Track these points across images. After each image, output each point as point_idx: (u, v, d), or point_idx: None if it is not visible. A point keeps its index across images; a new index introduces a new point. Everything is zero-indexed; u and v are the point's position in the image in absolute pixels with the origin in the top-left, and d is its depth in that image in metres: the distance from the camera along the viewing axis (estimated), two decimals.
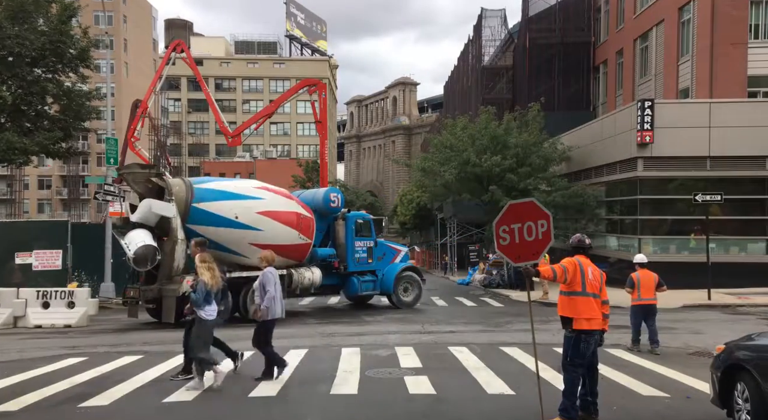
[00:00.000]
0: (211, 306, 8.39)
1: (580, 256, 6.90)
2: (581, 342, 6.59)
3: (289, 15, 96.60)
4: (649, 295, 11.29)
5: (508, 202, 7.15)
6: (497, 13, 43.74)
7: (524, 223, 6.81)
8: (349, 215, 18.43)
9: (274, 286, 8.75)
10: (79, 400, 7.90)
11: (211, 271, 8.34)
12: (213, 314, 8.43)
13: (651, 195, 23.03)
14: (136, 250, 14.16)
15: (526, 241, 6.80)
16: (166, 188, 14.86)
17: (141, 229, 14.59)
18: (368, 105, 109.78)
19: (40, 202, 74.55)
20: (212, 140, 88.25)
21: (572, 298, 6.69)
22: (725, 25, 25.28)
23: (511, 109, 31.46)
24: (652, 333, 11.19)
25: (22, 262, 18.71)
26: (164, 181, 15.21)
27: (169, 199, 14.67)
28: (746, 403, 5.98)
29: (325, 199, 17.59)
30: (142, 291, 14.92)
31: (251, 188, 16.17)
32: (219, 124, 37.90)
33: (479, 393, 8.16)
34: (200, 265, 8.39)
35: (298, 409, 7.48)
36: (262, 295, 8.81)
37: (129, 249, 14.26)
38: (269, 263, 9.00)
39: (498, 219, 6.99)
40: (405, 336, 13.18)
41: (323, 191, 18.30)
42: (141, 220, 14.69)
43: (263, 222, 15.63)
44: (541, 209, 6.87)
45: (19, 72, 23.97)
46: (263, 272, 8.92)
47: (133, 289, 15.31)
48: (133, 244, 14.23)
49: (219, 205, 15.18)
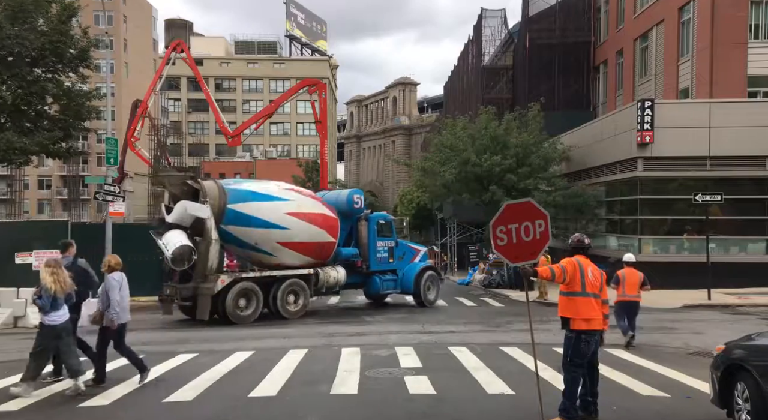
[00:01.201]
0: (58, 311, 8.08)
1: (579, 256, 6.90)
2: (581, 342, 6.59)
3: (289, 15, 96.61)
4: (632, 292, 11.64)
5: (505, 203, 7.14)
6: (497, 13, 43.76)
7: (521, 224, 6.80)
8: (372, 216, 19.02)
9: (118, 291, 8.60)
10: (79, 400, 7.90)
11: (54, 275, 8.02)
12: (58, 320, 8.08)
13: (651, 195, 23.03)
14: (174, 250, 14.60)
15: (524, 241, 6.79)
16: (201, 190, 15.48)
17: (177, 230, 15.08)
18: (368, 105, 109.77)
19: (40, 202, 74.54)
20: (212, 140, 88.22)
21: (572, 299, 6.68)
22: (725, 25, 25.28)
23: (511, 109, 31.45)
24: (631, 327, 11.63)
25: (22, 262, 18.68)
26: (199, 183, 15.81)
27: (204, 201, 15.27)
28: (746, 403, 5.98)
29: (348, 201, 18.11)
30: (179, 289, 15.43)
31: (280, 190, 16.83)
32: (219, 124, 37.94)
33: (479, 393, 8.16)
34: (44, 270, 8.09)
35: (298, 409, 7.48)
36: (104, 302, 8.61)
37: (167, 249, 14.70)
38: (112, 269, 8.81)
39: (494, 219, 6.98)
40: (405, 336, 13.18)
41: (347, 192, 18.95)
42: (177, 221, 15.23)
43: (291, 222, 16.25)
44: (538, 209, 6.86)
45: (19, 72, 23.96)
46: (106, 278, 8.71)
47: (169, 288, 15.82)
48: (171, 245, 14.67)
49: (251, 205, 15.80)
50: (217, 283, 15.09)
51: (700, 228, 19.36)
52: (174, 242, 14.68)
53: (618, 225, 25.28)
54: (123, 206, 21.16)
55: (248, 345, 12.02)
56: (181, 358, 10.67)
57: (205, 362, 10.28)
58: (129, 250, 20.57)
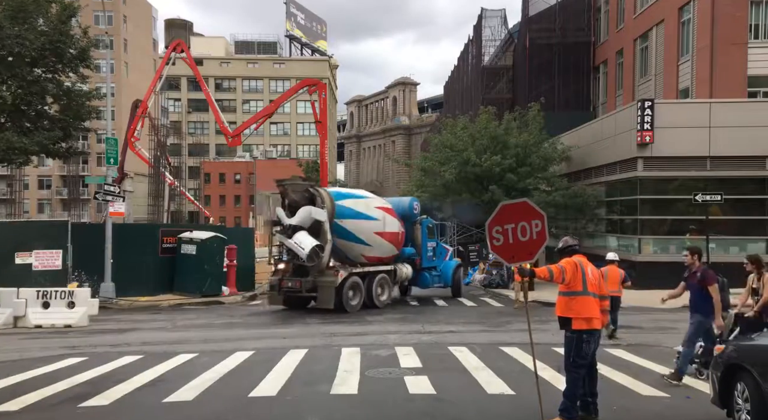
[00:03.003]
0: None
1: (577, 255, 6.91)
2: (582, 342, 6.59)
3: (289, 15, 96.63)
4: (613, 287, 12.25)
5: (500, 203, 7.15)
6: (497, 13, 43.76)
7: (518, 224, 6.80)
8: (424, 221, 21.68)
9: None
10: (79, 400, 7.90)
11: None
12: None
13: (651, 195, 23.02)
14: (309, 249, 16.43)
15: (521, 241, 6.79)
16: (318, 197, 17.58)
17: (304, 231, 16.90)
18: (368, 105, 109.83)
19: (40, 202, 74.55)
20: (212, 140, 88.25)
21: (573, 298, 6.68)
22: (725, 25, 25.27)
23: (511, 109, 31.44)
24: (613, 321, 12.17)
25: (22, 262, 18.68)
26: (318, 191, 17.95)
27: (322, 206, 17.33)
28: (746, 403, 5.98)
29: (409, 207, 20.85)
30: (304, 282, 17.40)
31: (372, 207, 19.11)
32: (219, 124, 37.93)
33: (479, 393, 8.16)
34: None
35: (298, 409, 7.48)
36: None
37: (302, 247, 16.48)
38: None
39: (490, 220, 6.98)
40: (405, 336, 13.18)
41: (408, 200, 21.48)
42: (299, 224, 17.02)
43: (377, 240, 18.68)
44: (534, 209, 6.86)
45: (19, 72, 23.96)
46: None
47: (291, 280, 17.68)
48: (304, 244, 16.51)
49: (352, 202, 18.51)
50: (337, 277, 17.21)
51: (700, 228, 19.34)
52: (308, 242, 16.49)
53: (618, 225, 25.28)
54: (123, 206, 21.19)
55: (248, 345, 12.02)
56: (181, 358, 10.66)
57: (205, 362, 10.27)
58: (129, 250, 20.79)
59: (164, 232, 21.90)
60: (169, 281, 21.52)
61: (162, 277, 21.35)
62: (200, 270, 20.80)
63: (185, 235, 21.61)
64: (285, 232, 17.01)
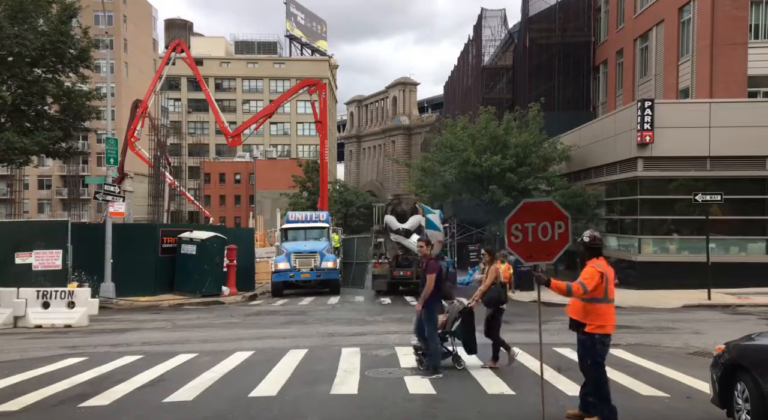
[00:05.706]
0: None
1: (599, 259, 6.63)
2: (597, 344, 6.48)
3: (289, 15, 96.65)
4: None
5: (522, 201, 7.04)
6: (497, 13, 43.69)
7: (539, 223, 6.69)
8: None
9: None
10: (79, 400, 7.90)
11: None
12: None
13: (651, 195, 23.02)
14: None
15: (541, 241, 6.69)
16: (419, 207, 23.86)
17: (415, 234, 21.49)
18: (368, 105, 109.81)
19: (40, 202, 74.58)
20: (212, 140, 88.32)
21: (593, 305, 6.49)
22: (725, 25, 25.26)
23: (511, 109, 31.41)
24: None
25: (22, 262, 18.69)
26: (420, 204, 24.59)
27: (424, 216, 22.81)
28: (746, 403, 5.98)
29: (439, 216, 25.29)
30: (413, 271, 21.49)
31: (439, 220, 24.40)
32: (219, 124, 37.98)
33: (479, 393, 8.16)
34: None
35: (298, 409, 7.48)
36: None
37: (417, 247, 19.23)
38: None
39: (510, 216, 6.88)
40: (405, 336, 13.16)
41: (438, 212, 25.93)
42: (411, 228, 22.31)
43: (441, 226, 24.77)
44: (559, 210, 6.75)
45: (19, 72, 23.96)
46: None
47: (402, 270, 22.47)
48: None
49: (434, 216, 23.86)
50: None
51: (700, 227, 19.32)
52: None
53: (618, 225, 25.28)
54: (123, 206, 21.21)
55: (248, 345, 12.02)
56: (181, 358, 10.66)
57: (205, 362, 10.27)
58: (129, 250, 20.80)
59: (164, 232, 21.92)
60: (169, 281, 21.54)
61: (162, 277, 21.37)
62: (200, 270, 20.82)
63: (185, 235, 21.63)
64: (400, 233, 22.26)
